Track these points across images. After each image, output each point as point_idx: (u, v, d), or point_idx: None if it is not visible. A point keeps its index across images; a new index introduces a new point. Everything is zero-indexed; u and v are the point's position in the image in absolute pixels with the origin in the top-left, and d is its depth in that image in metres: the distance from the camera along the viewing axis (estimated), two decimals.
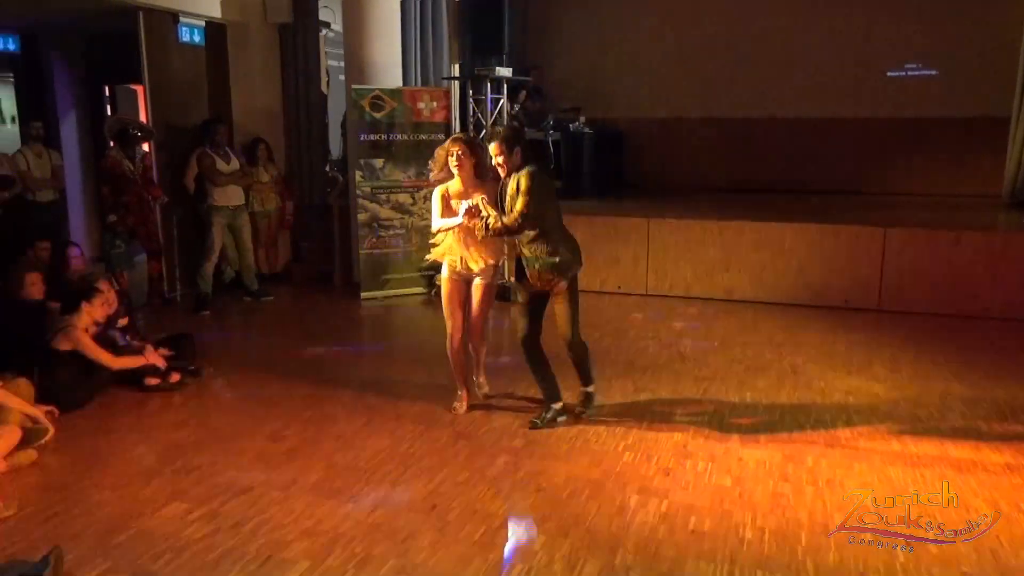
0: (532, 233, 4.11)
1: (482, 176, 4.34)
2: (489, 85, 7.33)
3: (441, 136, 7.70)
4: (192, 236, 7.62)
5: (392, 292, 7.54)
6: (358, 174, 7.40)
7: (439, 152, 4.34)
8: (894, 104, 10.09)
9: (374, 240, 7.49)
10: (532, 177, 4.03)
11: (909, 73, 10.22)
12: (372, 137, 7.39)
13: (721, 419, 4.46)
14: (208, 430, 4.36)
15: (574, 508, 3.44)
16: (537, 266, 4.16)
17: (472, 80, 7.67)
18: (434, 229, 4.40)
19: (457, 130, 8.37)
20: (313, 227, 8.58)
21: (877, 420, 4.43)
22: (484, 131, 7.42)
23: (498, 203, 4.16)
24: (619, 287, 7.61)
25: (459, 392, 4.62)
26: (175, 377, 5.00)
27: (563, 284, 4.22)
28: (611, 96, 10.90)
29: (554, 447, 4.09)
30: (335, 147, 9.18)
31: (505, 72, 7.45)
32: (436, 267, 4.70)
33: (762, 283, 7.23)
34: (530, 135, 9.39)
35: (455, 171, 4.29)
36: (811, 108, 10.37)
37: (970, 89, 9.58)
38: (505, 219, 4.05)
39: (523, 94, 9.89)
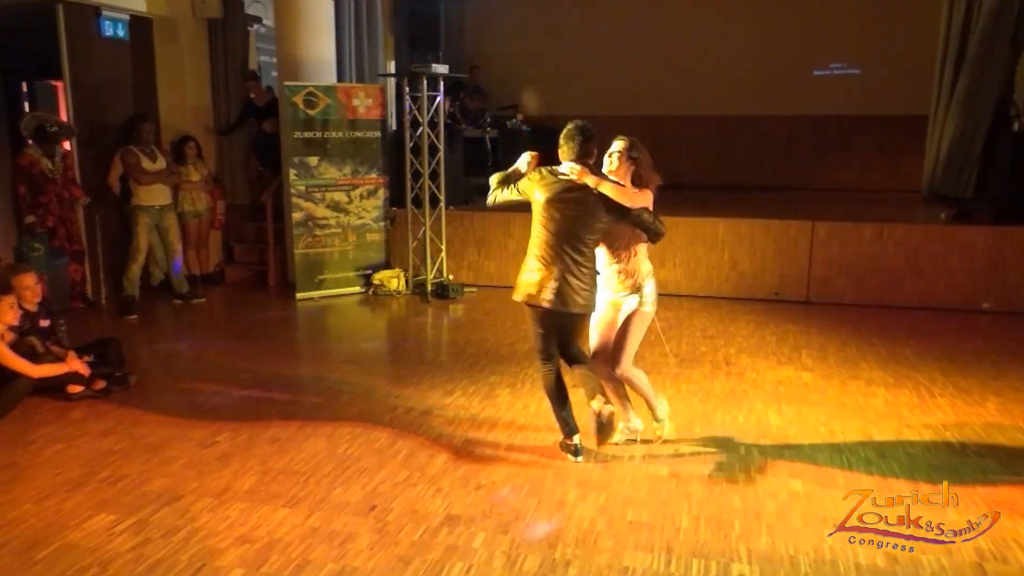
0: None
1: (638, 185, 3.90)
2: (426, 82, 7.27)
3: (377, 133, 7.64)
4: (117, 237, 7.36)
5: (328, 292, 7.43)
6: (292, 172, 7.27)
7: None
8: (820, 102, 10.43)
9: (309, 239, 7.37)
10: None
11: (834, 72, 10.57)
12: (306, 135, 7.27)
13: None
14: (136, 438, 4.21)
15: (514, 504, 3.45)
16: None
17: (408, 77, 7.59)
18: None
19: (393, 127, 8.29)
20: (246, 227, 8.40)
21: (806, 408, 4.58)
22: (420, 128, 7.36)
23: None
24: None
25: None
26: (99, 384, 4.82)
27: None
28: (548, 94, 11.00)
29: (493, 444, 4.10)
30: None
31: (441, 69, 7.40)
32: (373, 265, 4.34)
33: (696, 277, 7.38)
34: (469, 133, 9.40)
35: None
36: (739, 106, 10.64)
37: (891, 88, 9.96)
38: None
39: (461, 92, 9.88)
